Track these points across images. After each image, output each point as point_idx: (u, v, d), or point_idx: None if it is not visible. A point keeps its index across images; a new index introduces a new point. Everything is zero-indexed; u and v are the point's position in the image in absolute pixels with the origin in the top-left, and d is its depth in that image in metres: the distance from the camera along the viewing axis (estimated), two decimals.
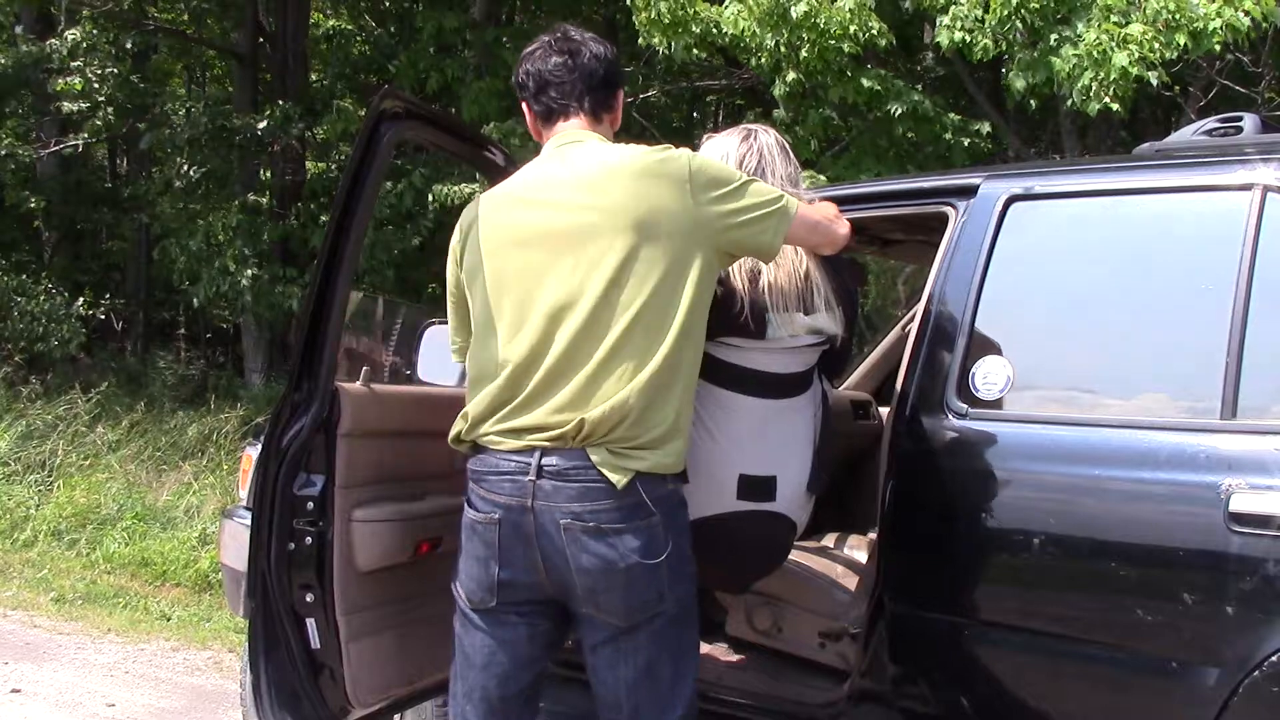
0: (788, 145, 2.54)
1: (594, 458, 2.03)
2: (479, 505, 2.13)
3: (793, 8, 6.28)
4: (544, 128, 2.27)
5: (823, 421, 2.53)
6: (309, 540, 2.47)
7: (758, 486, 2.42)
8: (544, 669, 2.25)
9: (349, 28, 12.71)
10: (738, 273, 2.36)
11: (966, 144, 7.12)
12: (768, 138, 2.50)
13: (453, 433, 2.22)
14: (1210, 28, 5.48)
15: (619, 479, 2.03)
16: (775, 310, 2.38)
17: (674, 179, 2.09)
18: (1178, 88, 6.73)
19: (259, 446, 2.58)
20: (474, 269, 2.20)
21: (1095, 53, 5.61)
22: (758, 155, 2.45)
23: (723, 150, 2.47)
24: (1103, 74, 5.58)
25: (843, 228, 2.36)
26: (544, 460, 2.05)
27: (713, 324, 2.24)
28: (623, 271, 2.05)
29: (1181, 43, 5.54)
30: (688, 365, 2.11)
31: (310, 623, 2.49)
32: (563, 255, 2.09)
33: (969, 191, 2.60)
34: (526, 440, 2.07)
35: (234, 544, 3.10)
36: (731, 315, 2.33)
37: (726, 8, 6.62)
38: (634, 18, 6.88)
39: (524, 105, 2.30)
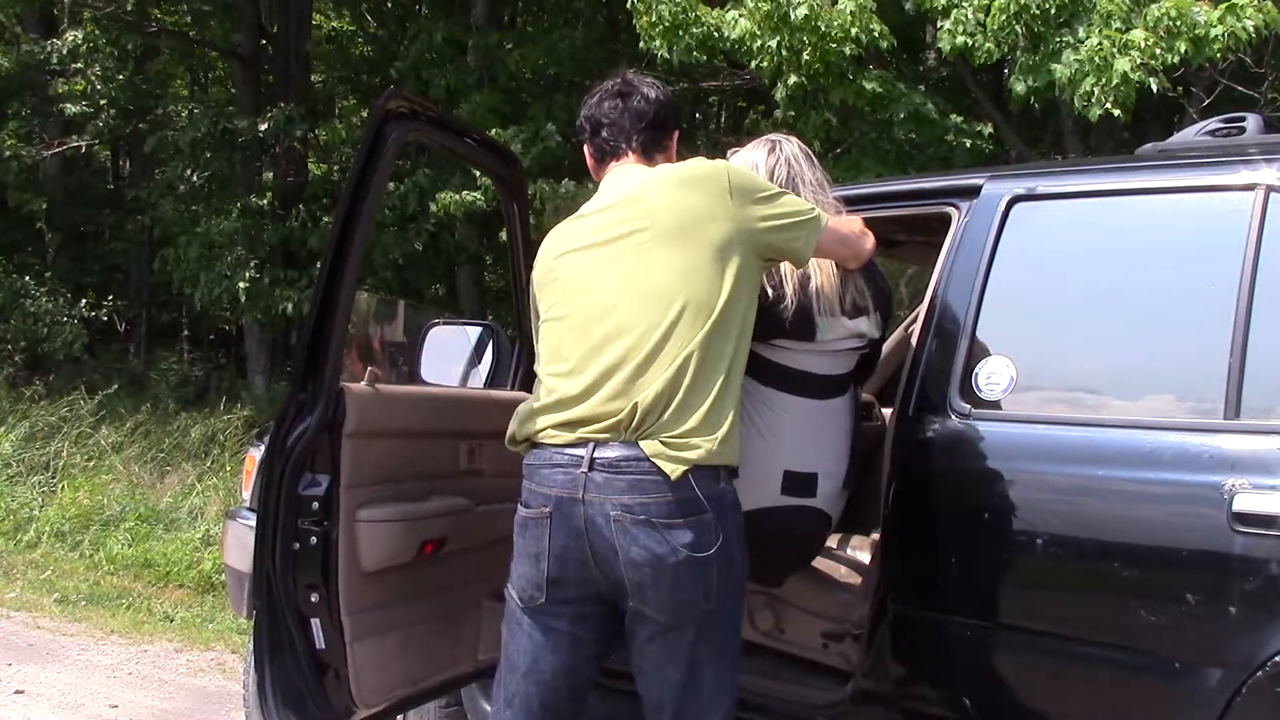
0: (811, 152, 2.60)
1: (647, 449, 2.06)
2: (530, 501, 2.16)
3: (793, 11, 6.28)
4: (599, 167, 2.39)
5: (855, 421, 2.60)
6: (314, 540, 2.47)
7: (801, 482, 2.48)
8: (586, 682, 2.24)
9: (351, 28, 12.73)
10: (789, 278, 2.42)
11: (968, 145, 7.11)
12: (792, 147, 2.56)
13: (509, 433, 2.25)
14: (1211, 34, 5.49)
15: (674, 469, 2.05)
16: (822, 314, 2.45)
17: (714, 185, 2.19)
18: (1180, 89, 6.72)
19: (262, 448, 2.58)
20: (542, 287, 2.30)
21: (1097, 59, 5.61)
22: (786, 165, 2.52)
23: (751, 162, 2.54)
24: (1104, 80, 5.58)
25: (868, 242, 2.46)
26: (597, 453, 2.08)
27: (766, 327, 2.33)
28: (666, 269, 2.13)
29: (1183, 49, 5.54)
30: (729, 356, 2.13)
31: (315, 623, 2.50)
32: (611, 257, 2.18)
33: (972, 192, 2.60)
34: (580, 433, 2.10)
35: (237, 545, 3.10)
36: (784, 319, 2.41)
37: (728, 12, 6.61)
38: (635, 21, 6.88)
39: (586, 150, 2.42)
